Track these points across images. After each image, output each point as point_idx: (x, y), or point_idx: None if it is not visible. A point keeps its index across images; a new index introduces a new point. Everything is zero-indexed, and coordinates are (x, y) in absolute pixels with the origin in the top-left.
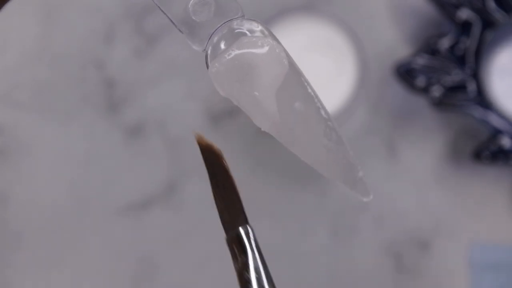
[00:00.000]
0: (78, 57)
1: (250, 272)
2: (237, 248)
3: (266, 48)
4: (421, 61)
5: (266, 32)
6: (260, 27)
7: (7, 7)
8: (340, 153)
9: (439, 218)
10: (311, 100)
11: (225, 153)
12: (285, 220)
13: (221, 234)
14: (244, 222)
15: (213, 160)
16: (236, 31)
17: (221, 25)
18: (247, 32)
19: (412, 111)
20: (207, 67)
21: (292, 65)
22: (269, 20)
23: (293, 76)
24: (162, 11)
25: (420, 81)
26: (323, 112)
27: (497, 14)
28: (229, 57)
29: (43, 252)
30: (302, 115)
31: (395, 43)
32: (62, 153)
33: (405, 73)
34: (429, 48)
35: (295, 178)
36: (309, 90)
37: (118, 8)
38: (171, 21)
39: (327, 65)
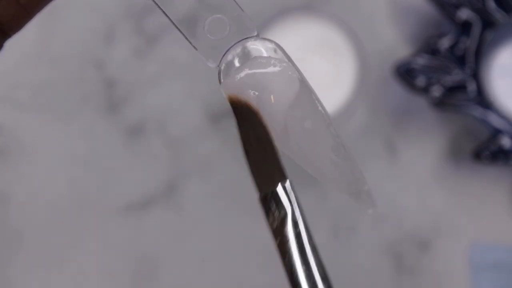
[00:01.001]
0: (78, 57)
1: (292, 228)
2: (276, 203)
3: (278, 69)
4: (421, 61)
5: (280, 53)
6: (274, 47)
7: None
8: (347, 168)
9: (439, 218)
10: (321, 117)
11: (225, 153)
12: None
13: (221, 234)
14: (284, 176)
15: (247, 115)
16: (250, 50)
17: (236, 43)
18: (262, 51)
19: (412, 111)
20: (220, 82)
21: (303, 83)
22: (269, 20)
23: (304, 94)
24: (177, 27)
25: (420, 81)
26: (332, 129)
27: (497, 14)
28: (241, 75)
29: (44, 251)
30: (311, 133)
31: (395, 43)
32: (62, 153)
33: (405, 73)
34: (429, 48)
35: (295, 178)
36: (320, 108)
37: (118, 8)
38: (186, 38)
39: (327, 65)
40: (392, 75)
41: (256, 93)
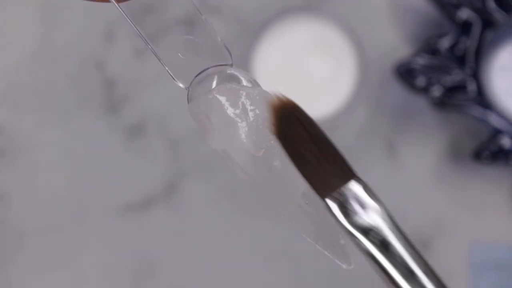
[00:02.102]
0: (78, 57)
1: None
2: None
3: (252, 94)
4: (421, 61)
5: (254, 84)
6: (247, 77)
7: (7, 7)
8: (318, 217)
9: (439, 218)
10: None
11: None
12: (285, 220)
13: (221, 234)
14: (354, 174)
15: (294, 119)
16: (222, 76)
17: (209, 68)
18: (239, 78)
19: (412, 111)
20: (188, 103)
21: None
22: (269, 20)
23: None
24: (146, 43)
25: (420, 81)
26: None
27: (497, 14)
28: (208, 99)
29: (43, 252)
30: (279, 174)
31: (395, 43)
32: (62, 153)
33: (405, 73)
34: (429, 48)
35: None
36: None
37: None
38: (156, 55)
39: (327, 65)
40: (392, 75)
41: (219, 119)
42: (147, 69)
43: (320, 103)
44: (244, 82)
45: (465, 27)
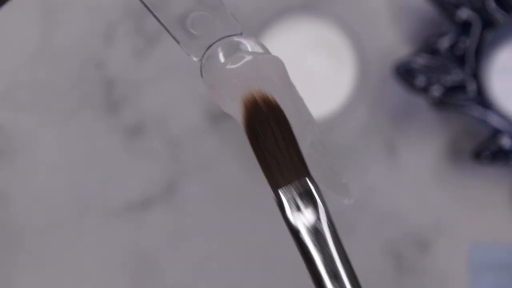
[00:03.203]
0: (78, 57)
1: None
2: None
3: (262, 59)
4: (421, 60)
5: (263, 50)
6: (258, 45)
7: (7, 7)
8: (325, 163)
9: (439, 218)
10: (300, 112)
11: (225, 153)
12: None
13: (221, 234)
14: (307, 173)
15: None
16: (234, 46)
17: (219, 39)
18: (247, 47)
19: (412, 111)
20: (201, 76)
21: (286, 80)
22: (268, 20)
23: (285, 89)
24: (158, 20)
25: (420, 81)
26: (311, 124)
27: (497, 14)
28: (224, 69)
29: (43, 251)
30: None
31: (395, 43)
32: (62, 153)
33: (405, 73)
34: (429, 48)
35: None
36: (300, 104)
37: (118, 8)
38: (167, 30)
39: (327, 65)
40: (392, 75)
41: (237, 84)
42: (147, 69)
43: (320, 103)
44: (253, 50)
45: (465, 27)
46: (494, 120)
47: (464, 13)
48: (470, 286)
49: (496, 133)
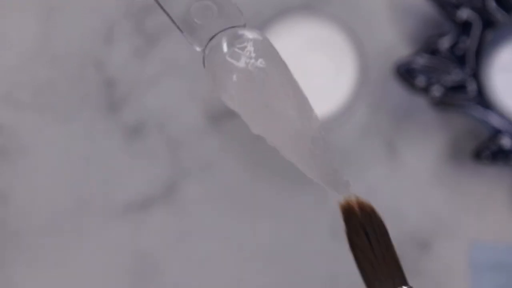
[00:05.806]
0: (78, 57)
1: None
2: None
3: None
4: (421, 61)
5: (267, 42)
6: (261, 37)
7: (7, 7)
8: (326, 160)
9: (439, 218)
10: (303, 108)
11: (225, 153)
12: (285, 220)
13: (221, 234)
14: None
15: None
16: (235, 37)
17: (223, 30)
18: (247, 37)
19: (412, 111)
20: (204, 66)
21: (287, 71)
22: (268, 20)
23: (289, 84)
24: (162, 9)
25: (420, 81)
26: (314, 121)
27: (498, 14)
28: (226, 62)
29: (43, 252)
30: (293, 122)
31: (395, 43)
32: (62, 153)
33: (405, 73)
34: (429, 48)
35: (295, 178)
36: (302, 98)
37: (118, 8)
38: (171, 19)
39: (327, 65)
40: (392, 75)
41: (238, 77)
42: (147, 69)
43: (320, 103)
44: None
45: (465, 27)
46: (494, 120)
47: (464, 13)
48: (470, 286)
49: (496, 133)
